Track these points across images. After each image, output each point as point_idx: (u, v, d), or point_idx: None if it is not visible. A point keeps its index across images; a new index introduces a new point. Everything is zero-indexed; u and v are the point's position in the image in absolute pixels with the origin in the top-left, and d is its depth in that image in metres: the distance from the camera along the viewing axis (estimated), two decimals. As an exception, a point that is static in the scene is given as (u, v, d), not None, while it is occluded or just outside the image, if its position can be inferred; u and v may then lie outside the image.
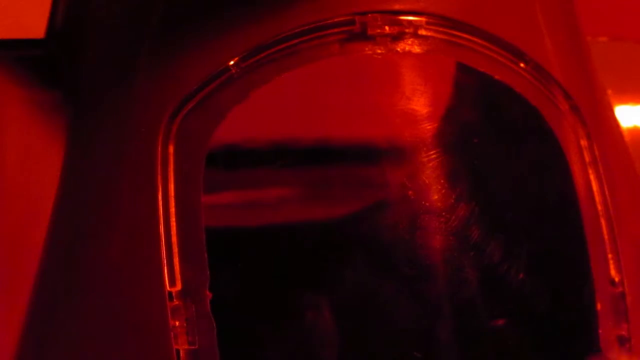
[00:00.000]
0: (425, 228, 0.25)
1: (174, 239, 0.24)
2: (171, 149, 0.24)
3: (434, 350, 0.24)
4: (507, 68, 0.26)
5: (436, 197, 0.25)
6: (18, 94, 0.26)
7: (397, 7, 0.25)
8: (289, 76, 0.25)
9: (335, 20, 0.25)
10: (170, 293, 0.24)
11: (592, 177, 0.27)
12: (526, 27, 0.27)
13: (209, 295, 0.24)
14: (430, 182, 0.25)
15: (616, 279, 0.26)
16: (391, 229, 0.25)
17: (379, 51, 0.25)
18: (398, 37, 0.25)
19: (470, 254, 0.25)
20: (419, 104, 0.26)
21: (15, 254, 0.26)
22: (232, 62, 0.25)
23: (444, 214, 0.25)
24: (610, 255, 0.26)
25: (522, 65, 0.26)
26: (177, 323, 0.24)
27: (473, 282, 0.25)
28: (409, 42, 0.25)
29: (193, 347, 0.24)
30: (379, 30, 0.25)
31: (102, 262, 0.25)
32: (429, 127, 0.26)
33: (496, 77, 0.26)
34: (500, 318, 0.25)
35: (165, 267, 0.24)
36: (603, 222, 0.26)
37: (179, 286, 0.24)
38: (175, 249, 0.24)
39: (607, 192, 0.26)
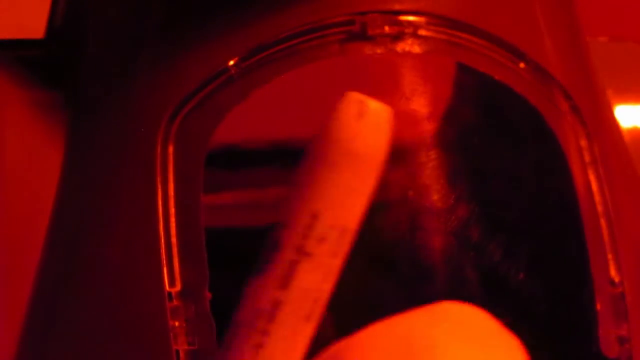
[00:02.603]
0: (425, 228, 0.25)
1: (174, 239, 0.24)
2: (171, 150, 0.24)
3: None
4: (507, 68, 0.26)
5: (436, 197, 0.25)
6: (18, 94, 0.26)
7: (397, 7, 0.25)
8: (289, 76, 0.25)
9: (335, 20, 0.25)
10: (169, 293, 0.24)
11: (592, 177, 0.26)
12: (526, 27, 0.27)
13: (208, 295, 0.24)
14: (430, 183, 0.25)
15: (616, 279, 0.26)
16: (391, 229, 0.25)
17: (378, 51, 0.25)
18: (398, 38, 0.25)
19: (470, 254, 0.25)
20: (419, 104, 0.26)
21: (15, 253, 0.26)
22: (232, 62, 0.25)
23: (444, 214, 0.25)
24: (610, 256, 0.26)
25: (522, 65, 0.26)
26: (176, 323, 0.24)
27: (473, 282, 0.25)
28: (409, 42, 0.25)
29: (192, 348, 0.24)
30: (378, 31, 0.25)
31: (102, 262, 0.25)
32: (429, 127, 0.26)
33: (496, 77, 0.26)
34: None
35: (165, 268, 0.24)
36: (603, 222, 0.26)
37: (178, 287, 0.24)
38: (175, 250, 0.24)
39: (607, 192, 0.26)
